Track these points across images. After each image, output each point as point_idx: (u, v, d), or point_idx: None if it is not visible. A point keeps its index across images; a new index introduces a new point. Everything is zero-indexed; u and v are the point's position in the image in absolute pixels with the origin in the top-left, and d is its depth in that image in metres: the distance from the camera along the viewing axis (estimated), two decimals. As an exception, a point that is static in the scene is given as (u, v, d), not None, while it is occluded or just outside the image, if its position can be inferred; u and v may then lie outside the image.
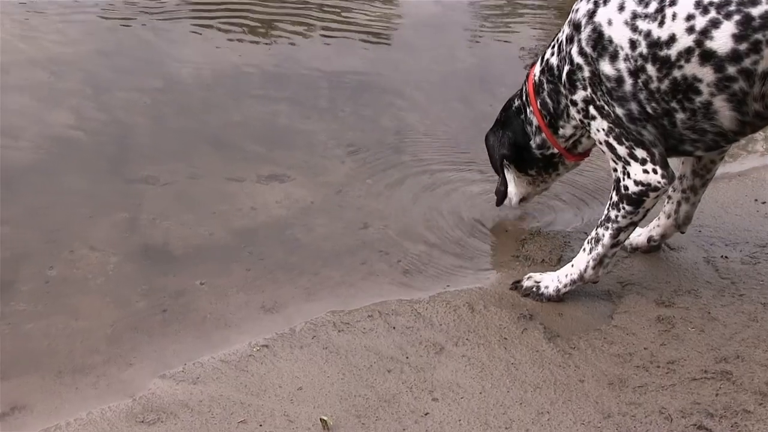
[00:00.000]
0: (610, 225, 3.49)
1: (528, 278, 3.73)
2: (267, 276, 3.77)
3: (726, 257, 4.01)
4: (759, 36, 2.98)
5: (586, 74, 3.33)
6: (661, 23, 3.12)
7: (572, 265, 3.64)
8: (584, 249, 3.60)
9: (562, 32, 3.47)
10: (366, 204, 4.35)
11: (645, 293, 3.75)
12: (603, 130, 3.38)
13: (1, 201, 4.06)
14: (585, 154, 3.88)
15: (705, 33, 3.04)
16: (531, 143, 3.83)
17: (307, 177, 4.52)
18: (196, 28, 6.11)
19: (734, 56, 3.02)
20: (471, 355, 3.35)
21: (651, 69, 3.16)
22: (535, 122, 3.76)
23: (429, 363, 3.30)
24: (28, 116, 4.79)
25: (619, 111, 3.28)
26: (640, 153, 3.33)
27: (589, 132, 3.49)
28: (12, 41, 5.60)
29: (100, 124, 4.82)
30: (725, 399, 3.15)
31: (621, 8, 3.20)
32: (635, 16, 3.17)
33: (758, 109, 3.15)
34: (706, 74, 3.09)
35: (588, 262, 3.58)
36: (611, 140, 3.37)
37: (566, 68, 3.40)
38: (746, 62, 3.02)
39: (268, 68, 5.70)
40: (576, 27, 3.34)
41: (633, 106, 3.26)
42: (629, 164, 3.36)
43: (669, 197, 3.90)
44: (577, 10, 3.34)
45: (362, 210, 4.30)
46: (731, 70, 3.05)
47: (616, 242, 3.52)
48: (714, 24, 3.02)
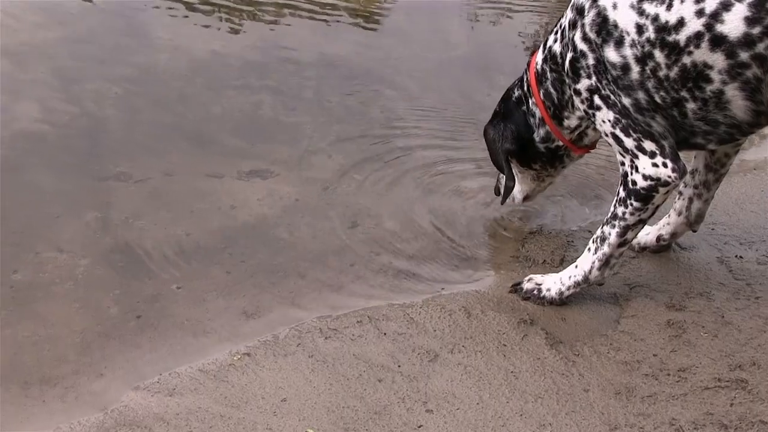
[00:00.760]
0: (617, 223, 3.51)
1: (528, 280, 3.75)
2: (248, 279, 3.79)
3: (741, 257, 4.04)
4: (774, 19, 3.00)
5: (591, 62, 3.35)
6: (669, 6, 3.13)
7: (576, 266, 3.66)
8: (589, 249, 3.62)
9: (565, 17, 3.49)
10: (355, 201, 4.36)
11: (654, 296, 3.77)
12: (609, 121, 3.40)
13: (-38, 200, 4.07)
14: (592, 146, 3.90)
15: (715, 16, 3.06)
16: (534, 136, 3.84)
17: (292, 173, 4.53)
18: (172, 12, 6.12)
19: (747, 41, 3.04)
20: (467, 363, 3.36)
21: (659, 55, 3.18)
22: (538, 114, 3.77)
23: (422, 372, 3.32)
24: (-11, 109, 4.80)
25: (626, 101, 3.30)
26: (649, 145, 3.35)
27: (595, 123, 3.51)
28: (-30, 27, 5.61)
29: (68, 117, 4.81)
30: (740, 409, 3.17)
31: (627, -10, 3.23)
32: (642, -1, 3.20)
33: (774, 99, 3.17)
34: (717, 60, 3.11)
35: (593, 263, 3.60)
36: (618, 132, 3.39)
37: (569, 55, 3.42)
38: (760, 47, 3.03)
39: (250, 56, 5.71)
40: (579, 11, 3.36)
41: (640, 96, 3.28)
42: (637, 157, 3.38)
43: (680, 193, 3.92)
44: (580, -7, 3.36)
45: (351, 208, 4.31)
46: (744, 56, 3.06)
47: (624, 241, 3.54)
48: (725, 6, 3.04)
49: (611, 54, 3.26)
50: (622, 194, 3.46)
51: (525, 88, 3.80)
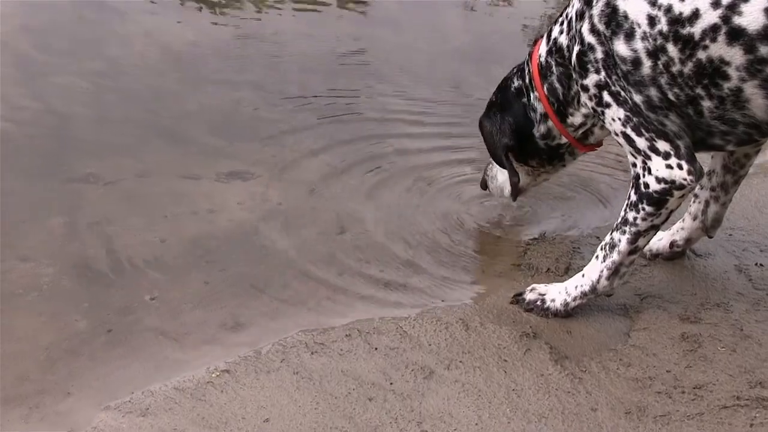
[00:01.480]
0: (628, 228, 3.51)
1: (531, 290, 3.75)
2: (228, 290, 3.78)
3: (761, 265, 4.05)
4: (797, 10, 3.01)
5: (599, 55, 3.35)
6: (684, -5, 3.15)
7: (583, 275, 3.66)
8: (597, 256, 3.62)
9: (572, 6, 3.49)
10: (343, 205, 4.37)
11: (667, 307, 3.77)
12: (619, 120, 3.41)
13: None
14: (598, 144, 3.90)
15: (732, 7, 3.05)
16: (534, 132, 3.85)
17: (274, 174, 4.54)
18: (145, 0, 6.12)
19: (767, 34, 3.05)
20: (465, 381, 3.36)
21: (672, 49, 3.19)
22: (540, 109, 3.78)
23: (417, 390, 3.31)
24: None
25: (637, 98, 3.31)
26: (663, 145, 3.35)
27: (604, 121, 3.51)
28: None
29: (33, 114, 4.81)
30: (762, 430, 3.17)
31: (638, -22, 3.24)
32: (654, -12, 3.20)
33: (797, 97, 3.18)
34: (735, 56, 3.11)
35: (601, 272, 3.61)
36: (629, 131, 3.39)
37: (576, 49, 3.43)
38: (782, 41, 3.05)
39: (229, 48, 5.72)
40: (587, 1, 3.36)
41: (653, 92, 3.28)
42: (650, 158, 3.39)
43: (696, 196, 3.93)
44: (588, -20, 3.37)
45: (339, 212, 4.32)
46: (764, 51, 3.06)
47: (635, 248, 3.55)
48: (744, -4, 3.06)
49: (621, 47, 3.27)
50: (634, 198, 3.47)
51: (527, 81, 3.80)
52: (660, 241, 4.04)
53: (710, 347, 3.55)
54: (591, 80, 3.42)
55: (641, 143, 3.38)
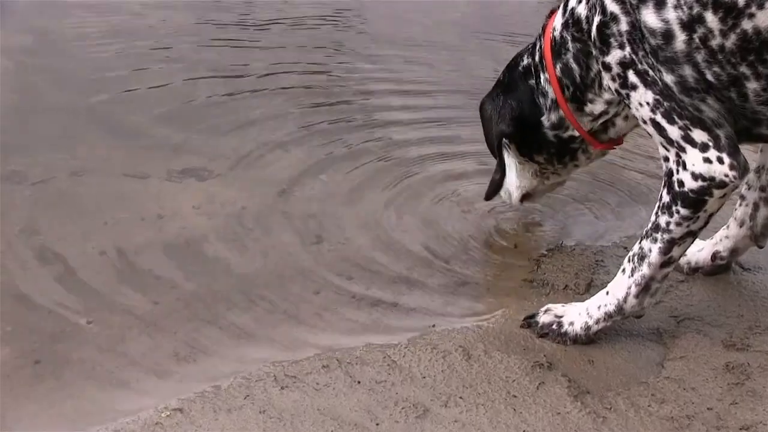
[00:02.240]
0: (660, 235, 3.52)
1: (546, 312, 3.76)
2: (182, 311, 3.78)
3: (821, 281, 4.08)
4: None
5: (624, 27, 3.36)
6: (725, -45, 3.16)
7: (607, 293, 3.67)
8: (623, 270, 3.63)
9: (592, -31, 3.52)
10: (320, 210, 4.38)
11: (709, 332, 3.78)
12: (647, 104, 3.41)
13: None
14: (618, 141, 3.92)
15: (786, -32, 3.09)
16: (543, 120, 3.87)
17: (238, 172, 4.54)
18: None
19: (828, 1, 3.07)
20: (466, 420, 3.36)
21: (711, 19, 3.20)
22: (551, 94, 3.79)
23: (408, 431, 3.33)
24: None
25: (669, 78, 3.32)
26: (700, 135, 3.36)
27: (629, 107, 3.52)
28: None
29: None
30: (820, 478, 3.20)
31: (670, -64, 3.25)
32: (690, -53, 3.22)
33: None
34: (789, 26, 3.14)
35: (629, 288, 3.61)
36: (659, 118, 3.40)
37: (597, 20, 3.44)
38: None
39: (182, 18, 5.71)
40: (609, -38, 3.38)
41: (687, 72, 3.29)
42: (685, 151, 3.40)
43: (742, 197, 3.94)
44: (611, -60, 3.38)
45: (315, 218, 4.32)
46: (823, 21, 3.10)
47: (668, 260, 3.55)
48: (799, -47, 3.08)
49: (650, 18, 3.28)
50: (666, 198, 3.47)
51: (537, 58, 3.82)
52: (700, 252, 4.06)
53: (760, 380, 3.56)
54: (614, 57, 3.43)
55: (674, 132, 3.38)
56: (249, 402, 3.38)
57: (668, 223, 3.48)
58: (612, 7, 3.37)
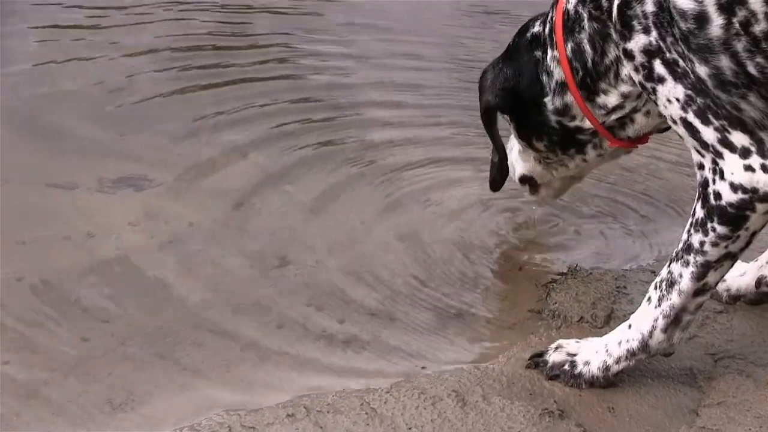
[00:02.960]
0: (693, 258, 3.50)
1: (557, 349, 3.75)
2: (116, 349, 3.75)
3: None
4: None
5: (649, 8, 3.35)
6: None
7: (630, 326, 3.65)
8: (649, 299, 3.61)
9: (613, -62, 3.51)
10: (284, 225, 4.38)
11: (752, 372, 3.78)
12: (677, 101, 3.41)
13: None
14: (641, 140, 3.93)
15: None
16: (546, 101, 3.88)
17: (184, 182, 4.55)
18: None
19: None
20: (461, 482, 3.37)
21: (755, 0, 3.20)
22: (558, 75, 3.80)
23: (390, 495, 3.32)
24: None
25: (702, 70, 3.31)
26: (740, 139, 3.35)
27: (656, 103, 3.52)
28: None
29: None
30: None
31: None
32: None
33: None
34: None
35: (656, 321, 3.59)
36: (691, 117, 3.39)
37: (618, -3, 3.44)
38: None
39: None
40: (633, -71, 3.38)
41: (724, 62, 3.28)
42: (722, 157, 3.39)
43: (791, 211, 3.95)
44: None
45: (277, 236, 4.33)
46: None
47: (703, 287, 3.53)
48: None
49: (681, -3, 3.28)
50: (701, 214, 3.46)
51: (547, 31, 3.83)
52: (742, 277, 4.06)
53: (813, 430, 3.57)
54: (637, 43, 3.42)
55: (709, 135, 3.38)
56: (197, 460, 3.37)
57: (702, 243, 3.46)
58: (635, -17, 3.37)
